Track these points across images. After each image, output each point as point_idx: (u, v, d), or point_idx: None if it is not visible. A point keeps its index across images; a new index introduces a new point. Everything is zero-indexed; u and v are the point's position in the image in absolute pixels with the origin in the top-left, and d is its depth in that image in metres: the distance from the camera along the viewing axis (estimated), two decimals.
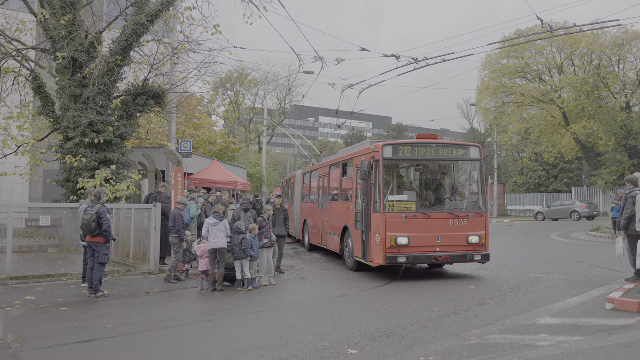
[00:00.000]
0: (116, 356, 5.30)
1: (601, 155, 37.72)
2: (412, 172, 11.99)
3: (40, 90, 14.58)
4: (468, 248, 10.03)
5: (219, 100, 50.57)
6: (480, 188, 10.60)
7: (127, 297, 8.67)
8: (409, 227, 9.76)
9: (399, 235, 9.66)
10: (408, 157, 10.47)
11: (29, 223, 13.08)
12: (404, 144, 10.40)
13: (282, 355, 5.24)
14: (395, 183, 10.96)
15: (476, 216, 10.18)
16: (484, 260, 10.17)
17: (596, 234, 20.54)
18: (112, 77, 13.93)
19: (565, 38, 35.54)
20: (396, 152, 10.20)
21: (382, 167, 10.02)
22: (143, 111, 15.09)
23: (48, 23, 13.54)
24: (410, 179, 12.06)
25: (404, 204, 10.04)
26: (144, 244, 11.74)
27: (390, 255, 9.62)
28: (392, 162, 10.63)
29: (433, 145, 10.39)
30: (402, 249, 9.67)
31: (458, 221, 10.05)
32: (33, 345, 5.72)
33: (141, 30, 13.80)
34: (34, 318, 7.17)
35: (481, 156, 10.66)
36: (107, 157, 13.94)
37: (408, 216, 9.81)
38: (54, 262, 12.27)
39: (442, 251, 9.90)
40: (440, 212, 10.15)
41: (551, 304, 7.59)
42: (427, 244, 9.83)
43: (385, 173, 10.18)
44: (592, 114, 36.54)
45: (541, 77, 40.63)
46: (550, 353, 5.17)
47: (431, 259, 9.86)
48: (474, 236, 10.05)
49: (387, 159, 10.18)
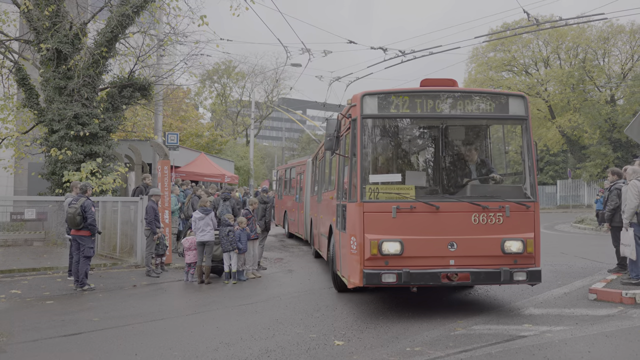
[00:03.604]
0: (103, 349, 5.29)
1: (586, 148, 38.25)
2: (412, 138, 7.57)
3: (24, 82, 14.37)
4: (504, 260, 6.36)
5: (206, 92, 50.18)
6: (526, 164, 6.78)
7: (114, 290, 8.63)
8: (403, 225, 6.29)
9: (386, 239, 6.19)
10: (404, 114, 6.75)
11: (14, 216, 12.93)
12: (398, 93, 6.69)
13: (269, 346, 5.28)
14: (382, 155, 7.32)
15: (519, 208, 6.48)
16: (532, 281, 6.44)
17: (580, 226, 20.87)
18: (97, 69, 13.77)
19: (552, 31, 35.86)
20: (385, 105, 6.63)
21: (361, 130, 6.51)
22: (129, 103, 14.96)
23: (31, 14, 13.31)
24: (407, 149, 7.58)
25: (395, 189, 6.54)
26: (131, 237, 11.67)
27: (369, 271, 6.15)
28: (378, 122, 6.91)
29: (447, 94, 6.70)
30: (391, 260, 6.21)
31: (487, 216, 6.42)
32: (19, 339, 5.69)
33: (126, 22, 13.64)
34: (19, 312, 7.11)
35: (527, 112, 6.80)
36: (92, 150, 13.81)
37: (402, 208, 6.29)
38: (39, 255, 12.16)
39: (459, 265, 6.30)
40: (457, 202, 6.47)
41: (535, 294, 7.73)
42: (432, 254, 6.30)
43: (365, 139, 6.61)
44: (577, 107, 37.00)
45: (527, 70, 41.00)
46: (534, 343, 5.28)
47: (439, 278, 6.21)
48: (514, 241, 6.36)
49: (370, 116, 6.60)
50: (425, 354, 4.94)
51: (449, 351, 5.01)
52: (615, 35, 36.15)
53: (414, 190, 6.52)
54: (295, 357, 4.94)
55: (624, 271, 8.39)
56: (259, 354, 5.03)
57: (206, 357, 4.98)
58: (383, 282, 6.15)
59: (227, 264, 9.38)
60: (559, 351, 5.01)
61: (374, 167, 6.95)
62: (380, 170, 7.15)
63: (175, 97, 25.48)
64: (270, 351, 5.13)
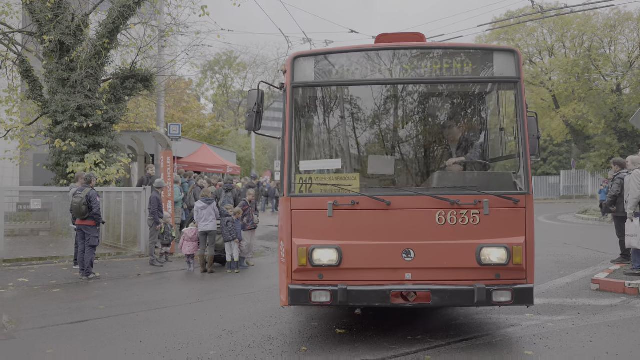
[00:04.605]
0: (109, 336, 5.38)
1: (590, 138, 38.03)
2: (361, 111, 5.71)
3: (27, 74, 14.40)
4: (480, 274, 4.71)
5: (208, 83, 50.16)
6: (520, 142, 4.88)
7: (119, 279, 8.73)
8: (342, 227, 4.78)
9: (318, 245, 4.74)
10: (350, 81, 5.12)
11: (20, 207, 13.06)
12: (342, 52, 5.12)
13: (271, 334, 5.35)
14: (320, 135, 5.69)
15: (503, 203, 4.73)
16: (520, 302, 4.75)
17: (584, 216, 20.85)
18: (99, 61, 13.79)
19: (557, 19, 35.52)
20: (324, 69, 5.06)
21: (291, 103, 4.97)
22: (131, 95, 14.99)
23: (34, 5, 13.32)
24: (354, 126, 5.69)
25: (334, 179, 5.04)
26: (134, 227, 11.78)
27: (296, 287, 4.74)
28: (315, 92, 5.47)
29: (409, 52, 5.05)
30: (327, 273, 4.75)
31: (457, 214, 4.73)
32: (27, 326, 5.79)
33: (128, 13, 13.63)
34: (27, 300, 7.22)
35: (519, 72, 4.91)
36: (96, 141, 13.88)
37: (340, 204, 4.76)
38: (45, 245, 12.29)
39: (417, 280, 4.72)
40: (414, 196, 4.80)
41: (537, 284, 7.69)
42: (381, 265, 4.75)
43: (297, 115, 5.21)
44: (582, 97, 36.74)
45: (531, 59, 40.69)
46: (535, 332, 5.32)
47: (388, 298, 4.64)
48: (494, 248, 4.68)
49: (303, 84, 5.07)
50: (426, 342, 4.99)
51: (449, 340, 5.06)
52: (622, 22, 35.74)
53: (358, 181, 4.92)
54: (297, 344, 5.01)
55: (627, 262, 8.40)
56: (261, 342, 5.10)
57: (210, 344, 5.06)
58: (313, 302, 4.65)
59: (229, 254, 9.46)
60: (560, 340, 5.05)
61: (307, 151, 5.48)
62: (318, 155, 5.55)
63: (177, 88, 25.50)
64: (272, 339, 5.19)
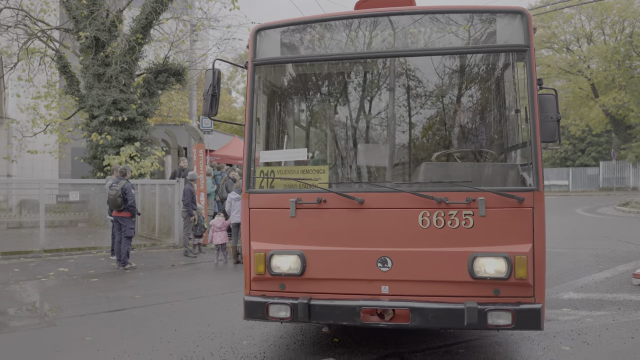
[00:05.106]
0: (145, 324, 5.52)
1: (632, 127, 36.60)
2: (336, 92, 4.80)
3: (65, 70, 14.86)
4: (474, 290, 3.80)
5: (239, 76, 50.53)
6: (530, 125, 3.89)
7: (154, 270, 8.94)
8: (307, 229, 4.04)
9: (278, 250, 4.04)
10: (322, 56, 4.26)
11: (60, 199, 13.55)
12: (312, 21, 4.26)
13: (303, 325, 5.37)
14: (286, 121, 5.02)
15: (503, 202, 3.78)
16: (524, 326, 3.75)
17: (625, 209, 20.12)
18: (133, 55, 14.08)
19: (595, 5, 34.18)
20: (292, 42, 4.29)
21: (253, 83, 4.25)
22: (164, 88, 15.27)
23: (70, 3, 13.71)
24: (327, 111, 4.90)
25: (299, 172, 4.21)
26: (168, 219, 12.02)
27: (252, 299, 4.14)
28: (282, 71, 4.72)
29: (394, 19, 4.16)
30: (289, 284, 4.06)
31: (445, 215, 3.84)
32: (67, 313, 5.99)
33: (160, 8, 13.87)
34: (67, 288, 7.48)
35: (528, 38, 3.91)
36: (131, 135, 14.21)
37: (305, 202, 4.02)
38: (84, 235, 12.71)
39: (395, 296, 3.89)
40: (392, 193, 3.92)
41: (575, 279, 7.54)
42: (352, 275, 3.95)
43: (260, 97, 4.46)
44: (622, 85, 35.31)
45: (568, 47, 39.32)
46: (573, 327, 5.16)
47: (358, 316, 3.84)
48: (491, 257, 3.76)
49: (266, 61, 4.28)
50: (458, 335, 4.92)
51: (484, 333, 4.97)
52: None
53: (327, 174, 4.08)
54: (330, 336, 5.01)
55: None
56: (293, 332, 5.12)
57: (242, 333, 5.12)
58: (271, 317, 3.98)
59: None
60: (600, 336, 4.88)
61: (270, 139, 4.71)
62: (284, 145, 4.88)
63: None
64: (304, 330, 5.21)
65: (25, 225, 13.37)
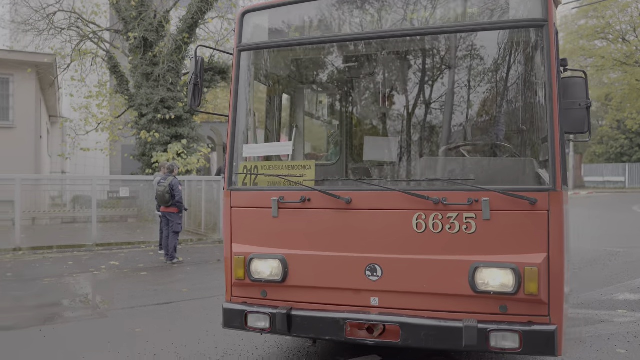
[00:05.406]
0: (192, 317, 5.65)
1: None
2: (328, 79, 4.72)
3: (115, 70, 15.44)
4: (476, 305, 3.24)
5: None
6: (546, 113, 3.23)
7: (200, 264, 9.16)
8: (290, 231, 3.68)
9: (258, 254, 3.71)
10: (313, 39, 3.87)
11: (110, 195, 14.10)
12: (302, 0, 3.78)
13: None
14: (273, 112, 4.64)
15: (512, 204, 3.16)
16: (535, 352, 3.10)
17: None
18: (180, 55, 14.46)
19: None
20: (280, 27, 3.91)
21: (238, 70, 3.87)
22: (210, 87, 15.59)
23: (120, 5, 14.21)
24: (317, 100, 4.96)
25: (284, 167, 3.85)
26: (214, 215, 12.28)
27: (230, 306, 3.81)
28: (270, 57, 4.29)
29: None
30: (271, 291, 3.71)
31: (443, 218, 3.29)
32: (118, 306, 6.23)
33: (206, 7, 14.15)
34: (118, 281, 7.78)
35: (546, 12, 3.23)
36: (178, 132, 14.61)
37: (287, 201, 3.64)
38: (133, 230, 13.19)
39: (385, 309, 3.41)
40: (383, 192, 3.44)
41: (631, 279, 7.17)
42: (338, 284, 3.52)
43: (245, 85, 4.00)
44: None
45: (624, 37, 37.31)
46: (629, 330, 4.91)
47: (342, 331, 3.40)
48: (496, 268, 3.17)
49: (253, 46, 3.89)
50: None
51: None
52: None
53: (313, 171, 3.68)
54: None
55: None
56: None
57: None
58: (249, 327, 3.67)
59: None
60: None
61: (256, 132, 4.31)
62: (271, 138, 4.54)
63: None
64: None
65: (78, 220, 14.02)
